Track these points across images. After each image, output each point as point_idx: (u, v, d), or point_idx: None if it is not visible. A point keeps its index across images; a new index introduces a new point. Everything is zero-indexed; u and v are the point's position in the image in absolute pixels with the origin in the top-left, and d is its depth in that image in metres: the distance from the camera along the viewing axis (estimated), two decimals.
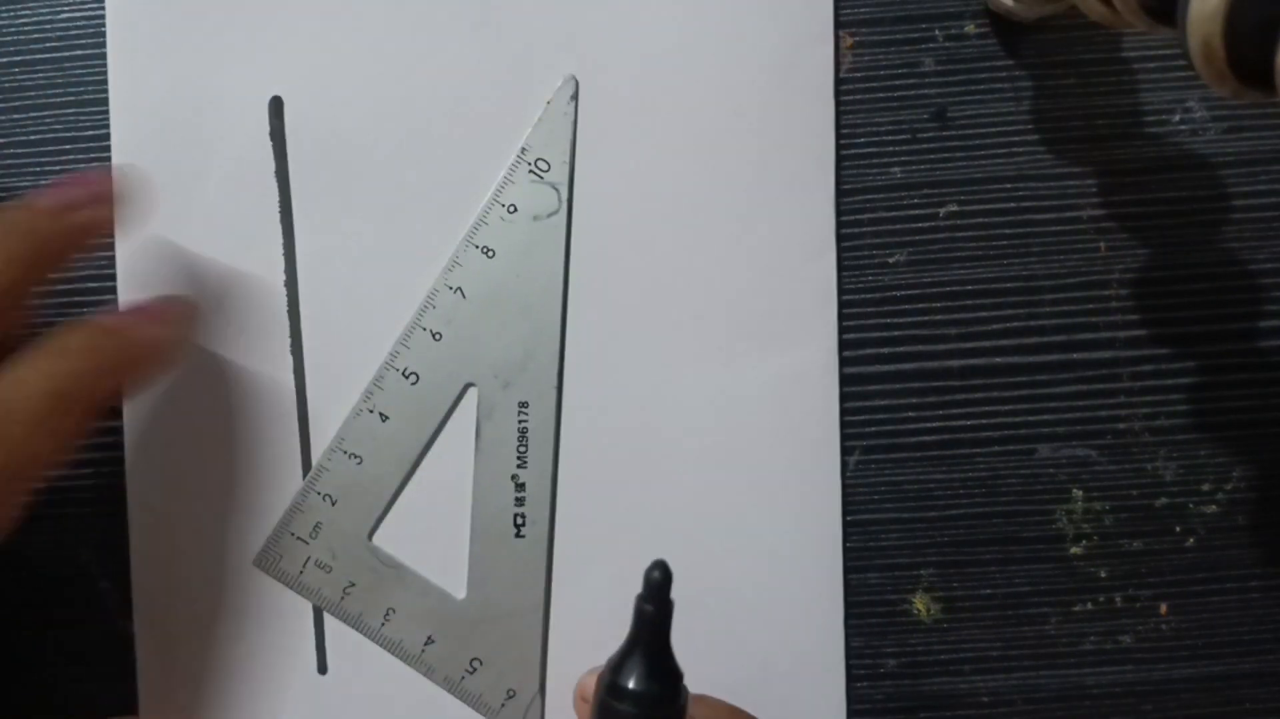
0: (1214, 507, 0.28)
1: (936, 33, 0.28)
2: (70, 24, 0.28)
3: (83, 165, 0.28)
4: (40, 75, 0.28)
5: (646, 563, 0.21)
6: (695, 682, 0.27)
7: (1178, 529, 0.28)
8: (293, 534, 0.27)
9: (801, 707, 0.27)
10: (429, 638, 0.27)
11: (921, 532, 0.28)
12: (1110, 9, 0.21)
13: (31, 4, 0.28)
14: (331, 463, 0.27)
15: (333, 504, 0.27)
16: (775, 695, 0.27)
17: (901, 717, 0.28)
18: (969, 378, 0.28)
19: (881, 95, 0.28)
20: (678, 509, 0.28)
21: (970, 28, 0.28)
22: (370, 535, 0.28)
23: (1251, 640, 0.28)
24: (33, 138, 0.28)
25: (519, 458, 0.27)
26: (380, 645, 0.27)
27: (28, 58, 0.28)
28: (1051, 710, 0.28)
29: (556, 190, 0.27)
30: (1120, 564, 0.28)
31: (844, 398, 0.28)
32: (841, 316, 0.28)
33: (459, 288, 0.27)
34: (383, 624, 0.27)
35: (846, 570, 0.28)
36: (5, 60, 0.28)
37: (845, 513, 0.28)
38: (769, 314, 0.27)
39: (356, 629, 0.27)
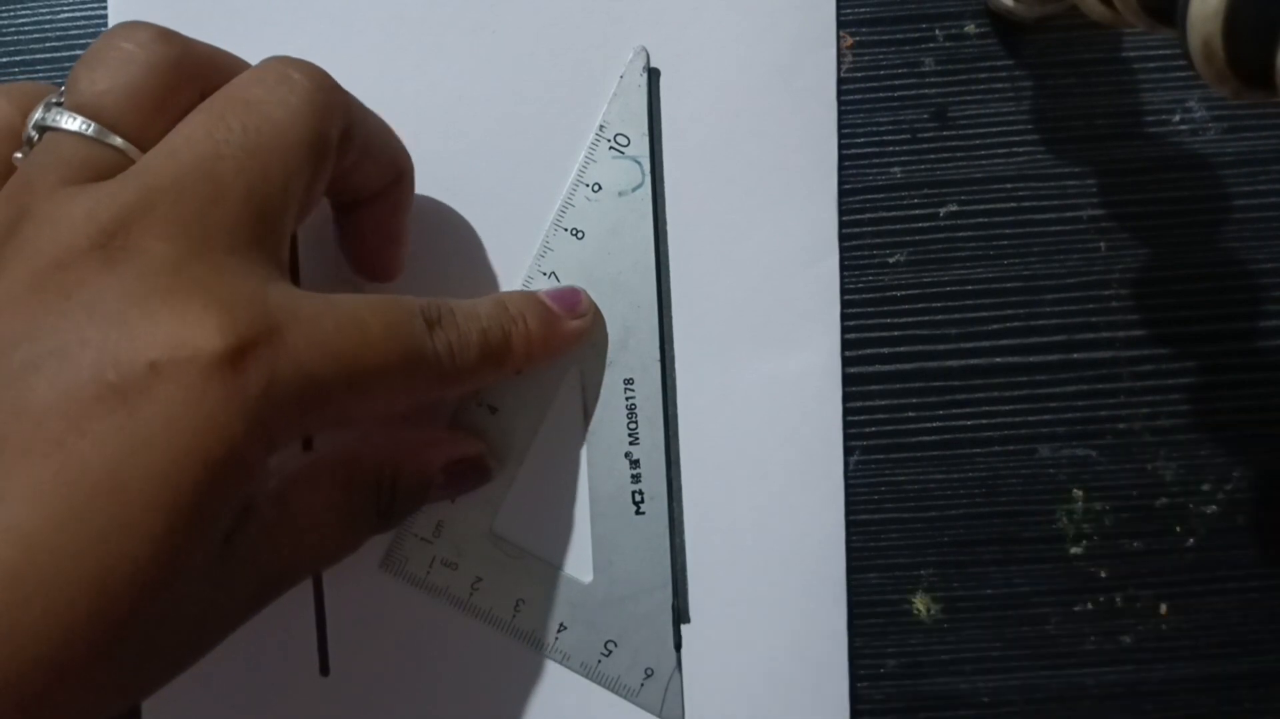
0: (1214, 507, 0.28)
1: (936, 33, 0.28)
2: (70, 24, 0.28)
3: None
4: (40, 75, 0.28)
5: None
6: (699, 680, 0.27)
7: (1178, 529, 0.28)
8: (416, 535, 0.27)
9: (805, 707, 0.27)
10: (561, 625, 0.27)
11: (921, 532, 0.28)
12: (1110, 9, 0.21)
13: (31, 4, 0.28)
14: None
15: (452, 501, 0.27)
16: (778, 696, 0.27)
17: (902, 717, 0.28)
18: (969, 378, 0.28)
19: (881, 95, 0.28)
20: (687, 507, 0.28)
21: (970, 28, 0.28)
22: (492, 528, 0.28)
23: (1251, 640, 0.28)
24: None
25: (630, 435, 0.27)
26: (514, 638, 0.27)
27: (28, 58, 0.28)
28: (1051, 710, 0.28)
29: (639, 164, 0.27)
30: (1120, 564, 0.28)
31: (843, 398, 0.28)
32: (841, 317, 0.28)
33: (552, 273, 0.27)
34: (514, 616, 0.27)
35: (847, 570, 0.28)
36: (5, 60, 0.28)
37: (845, 513, 0.28)
38: (771, 315, 0.28)
39: (488, 624, 0.27)
